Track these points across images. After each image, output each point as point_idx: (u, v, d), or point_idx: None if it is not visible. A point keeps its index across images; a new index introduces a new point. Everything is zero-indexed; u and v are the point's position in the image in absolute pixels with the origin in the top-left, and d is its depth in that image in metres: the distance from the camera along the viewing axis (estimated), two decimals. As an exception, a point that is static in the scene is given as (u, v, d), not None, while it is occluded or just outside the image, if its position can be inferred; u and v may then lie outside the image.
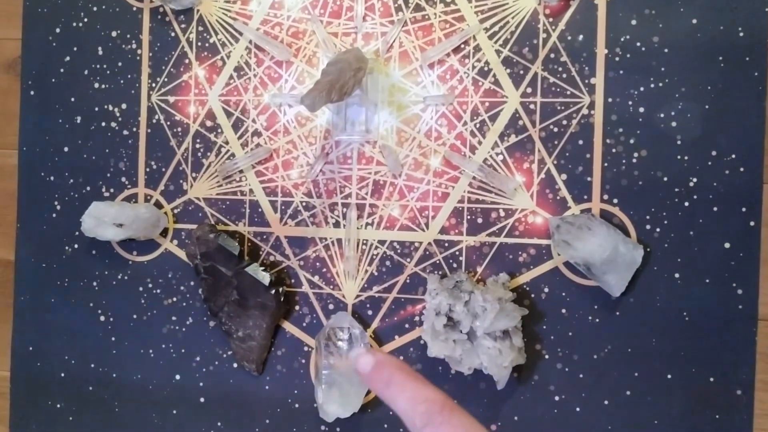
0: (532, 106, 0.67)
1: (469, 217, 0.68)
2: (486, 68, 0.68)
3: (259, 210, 0.72)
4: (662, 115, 0.65)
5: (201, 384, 0.73)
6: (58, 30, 0.77)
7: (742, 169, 0.63)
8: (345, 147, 0.71)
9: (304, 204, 0.71)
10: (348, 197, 0.71)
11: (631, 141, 0.65)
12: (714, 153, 0.64)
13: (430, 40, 0.69)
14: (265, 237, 0.72)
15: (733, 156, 0.64)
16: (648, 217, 0.65)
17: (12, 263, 0.79)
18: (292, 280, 0.72)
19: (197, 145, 0.74)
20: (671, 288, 0.64)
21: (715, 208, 0.64)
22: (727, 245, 0.64)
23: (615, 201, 0.66)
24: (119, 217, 0.71)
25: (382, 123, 0.70)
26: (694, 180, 0.64)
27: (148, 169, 0.75)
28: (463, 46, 0.69)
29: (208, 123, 0.74)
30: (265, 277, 0.69)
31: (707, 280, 0.64)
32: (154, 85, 0.75)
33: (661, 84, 0.65)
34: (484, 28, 0.68)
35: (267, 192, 0.72)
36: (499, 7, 0.68)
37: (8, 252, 0.79)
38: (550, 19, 0.67)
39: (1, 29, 0.79)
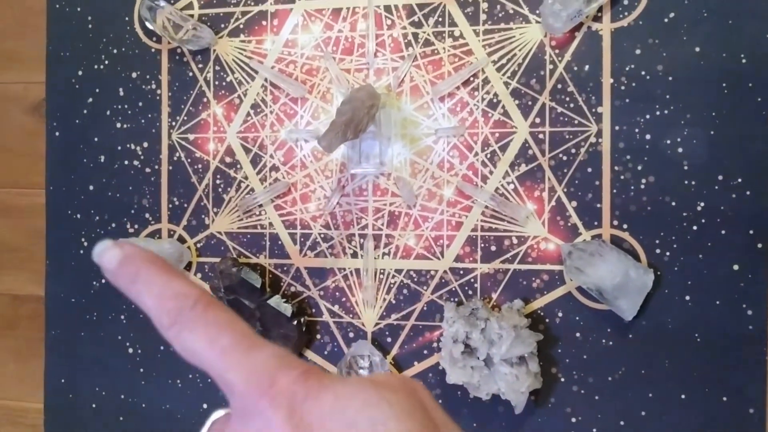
0: (541, 136, 0.69)
1: (482, 245, 0.70)
2: (495, 100, 0.70)
3: (279, 242, 0.75)
4: (669, 142, 0.67)
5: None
6: (80, 73, 0.80)
7: (748, 193, 0.65)
8: (360, 180, 0.73)
9: (322, 236, 0.74)
10: (365, 228, 0.73)
11: (639, 167, 0.67)
12: (720, 177, 0.66)
13: (440, 74, 0.71)
14: (285, 268, 0.75)
15: (740, 180, 0.65)
16: (657, 242, 0.67)
17: (42, 299, 0.82)
18: (313, 310, 0.74)
19: (217, 181, 0.76)
20: (682, 310, 0.66)
21: (723, 231, 0.66)
22: (735, 267, 0.65)
23: (625, 226, 0.67)
24: (145, 254, 0.74)
25: (396, 155, 0.72)
26: (702, 204, 0.66)
27: (170, 205, 0.77)
28: (472, 79, 0.71)
29: (228, 159, 0.76)
30: (287, 309, 0.71)
31: (717, 302, 0.66)
32: (174, 123, 0.77)
33: (666, 111, 0.67)
34: (492, 61, 0.70)
35: (286, 225, 0.75)
36: (506, 40, 0.70)
37: (39, 288, 0.82)
38: (556, 51, 0.69)
39: (26, 73, 0.82)
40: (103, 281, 0.79)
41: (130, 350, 0.78)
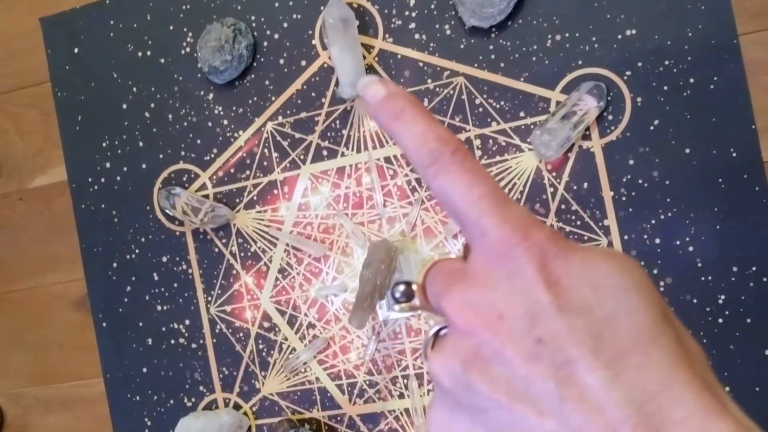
0: (555, 256, 0.72)
1: (521, 368, 0.73)
2: (505, 229, 0.73)
3: (329, 394, 0.78)
4: (678, 243, 0.69)
5: None
6: (115, 265, 0.85)
7: (765, 279, 0.67)
8: (393, 324, 0.77)
9: (367, 382, 0.77)
10: (406, 369, 0.76)
11: (655, 271, 0.70)
12: (735, 269, 0.68)
13: (449, 213, 0.75)
14: (339, 418, 0.78)
15: (754, 268, 0.68)
16: (687, 340, 0.69)
17: (119, 481, 0.86)
18: (373, 454, 0.78)
19: (260, 346, 0.81)
20: (725, 402, 0.68)
21: (748, 320, 0.68)
22: (767, 352, 0.67)
23: (653, 330, 0.70)
24: (206, 429, 0.78)
25: (422, 297, 0.75)
26: (723, 297, 0.68)
27: (221, 375, 0.82)
28: (479, 213, 0.74)
29: (266, 324, 0.80)
30: (349, 463, 0.75)
31: (757, 388, 0.68)
32: (210, 298, 0.82)
33: (670, 214, 0.69)
34: (495, 193, 0.74)
35: (332, 377, 0.78)
36: (504, 171, 0.74)
37: (113, 471, 0.87)
38: (554, 174, 0.72)
39: (66, 272, 0.88)
40: (172, 455, 0.84)
41: None
